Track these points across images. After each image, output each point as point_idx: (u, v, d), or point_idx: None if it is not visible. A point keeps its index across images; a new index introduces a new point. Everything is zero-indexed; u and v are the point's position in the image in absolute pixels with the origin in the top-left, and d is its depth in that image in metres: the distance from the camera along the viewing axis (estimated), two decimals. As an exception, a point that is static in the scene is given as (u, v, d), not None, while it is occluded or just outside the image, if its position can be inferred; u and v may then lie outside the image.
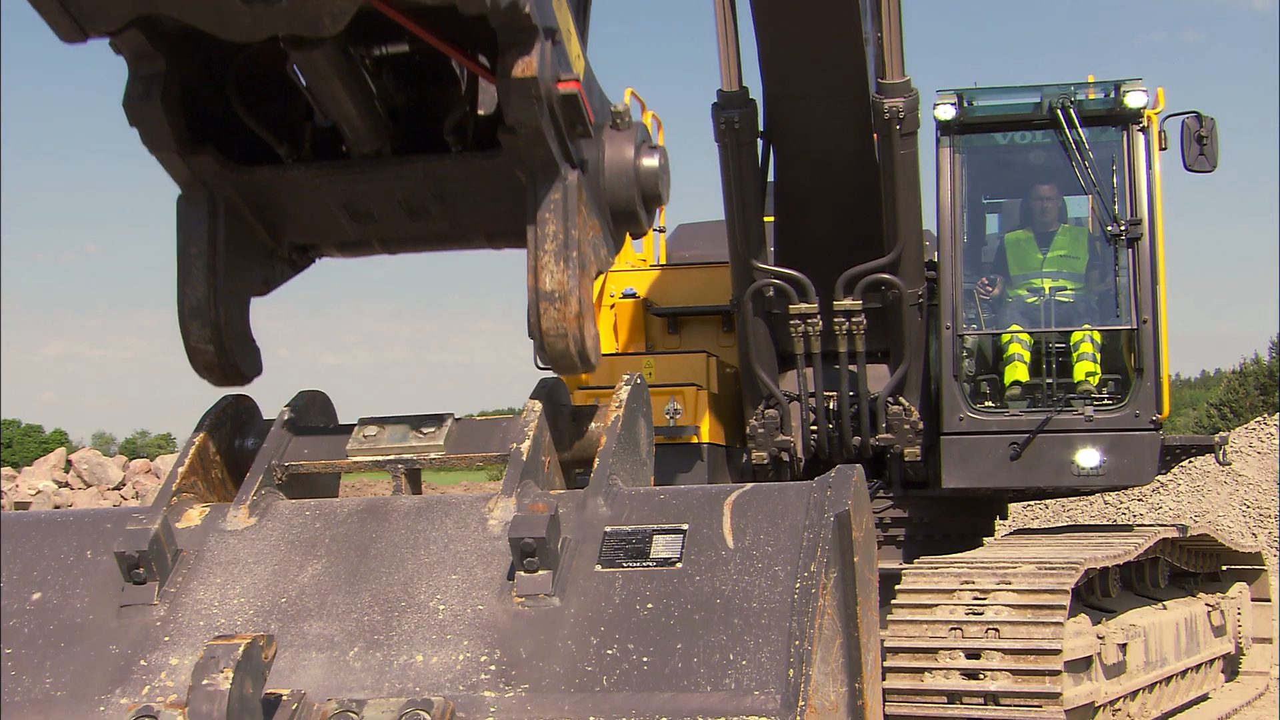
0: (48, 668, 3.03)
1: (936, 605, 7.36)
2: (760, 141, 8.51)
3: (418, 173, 3.35)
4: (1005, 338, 9.31)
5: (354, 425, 3.49)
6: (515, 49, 3.00)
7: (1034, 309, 9.47)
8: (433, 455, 3.38)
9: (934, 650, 7.18)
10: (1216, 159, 9.18)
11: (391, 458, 3.40)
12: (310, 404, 3.65)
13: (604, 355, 3.52)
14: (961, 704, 7.10)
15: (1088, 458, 8.93)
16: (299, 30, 2.81)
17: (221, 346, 3.39)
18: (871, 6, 7.79)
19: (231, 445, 3.59)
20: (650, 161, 3.44)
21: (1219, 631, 10.24)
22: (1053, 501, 23.83)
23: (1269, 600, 11.42)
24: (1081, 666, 7.47)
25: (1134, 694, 8.32)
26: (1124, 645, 7.98)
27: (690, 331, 10.63)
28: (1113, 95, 9.21)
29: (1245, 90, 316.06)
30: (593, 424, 3.49)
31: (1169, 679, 9.07)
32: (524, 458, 3.25)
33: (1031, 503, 23.28)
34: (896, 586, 7.53)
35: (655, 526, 3.02)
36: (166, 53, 3.18)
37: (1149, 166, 9.18)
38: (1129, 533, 9.50)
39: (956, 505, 9.78)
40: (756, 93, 8.30)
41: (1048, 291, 9.46)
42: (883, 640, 7.23)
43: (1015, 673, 7.02)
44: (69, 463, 28.01)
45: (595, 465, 3.23)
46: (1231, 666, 10.88)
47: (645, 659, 2.77)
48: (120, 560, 3.10)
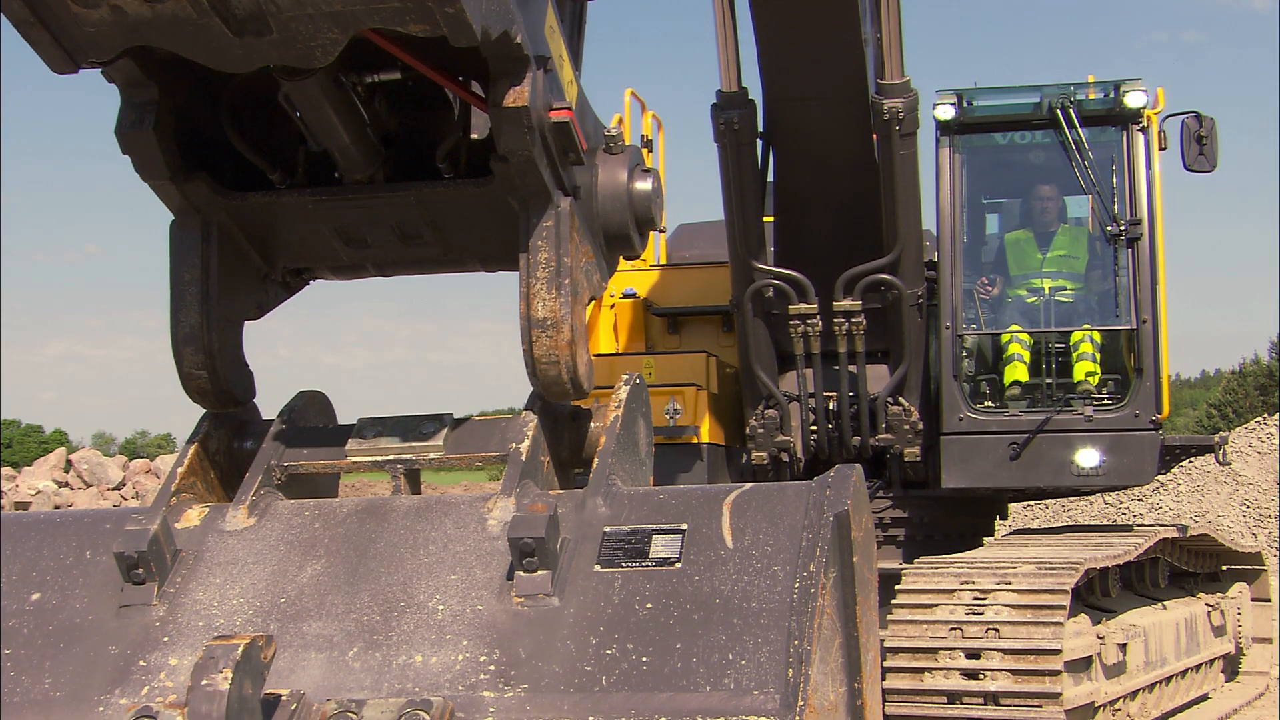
0: (47, 668, 3.03)
1: (936, 605, 7.36)
2: (760, 142, 8.51)
3: (410, 199, 3.36)
4: (1005, 338, 9.31)
5: (354, 425, 3.50)
6: (507, 78, 3.01)
7: (1034, 309, 9.46)
8: (432, 455, 3.38)
9: (934, 650, 7.18)
10: (1216, 159, 9.17)
11: (391, 458, 3.40)
12: (310, 404, 3.66)
13: (604, 355, 3.53)
14: (961, 704, 7.09)
15: (1087, 458, 8.92)
16: (290, 62, 2.81)
17: (215, 372, 3.42)
18: (871, 7, 7.78)
19: (231, 446, 3.60)
20: (643, 185, 3.45)
21: (1219, 631, 10.23)
22: (1053, 501, 23.81)
23: (1269, 600, 11.41)
24: (1081, 666, 7.46)
25: (1134, 694, 8.32)
26: (1124, 645, 7.97)
27: (690, 331, 10.63)
28: (1112, 95, 9.20)
29: (1245, 90, 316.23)
30: (592, 424, 3.49)
31: (1169, 679, 9.06)
32: (523, 458, 3.25)
33: (1031, 503, 23.27)
34: (896, 586, 7.52)
35: (654, 526, 3.02)
36: (159, 80, 3.18)
37: (1149, 166, 9.18)
38: (1129, 533, 9.50)
39: (956, 505, 9.77)
40: (756, 93, 8.30)
41: (1047, 291, 9.45)
42: (882, 640, 7.22)
43: (1015, 673, 7.01)
44: (69, 463, 28.00)
45: (594, 465, 3.24)
46: (1231, 666, 10.88)
47: (644, 659, 2.77)
48: (120, 560, 3.10)
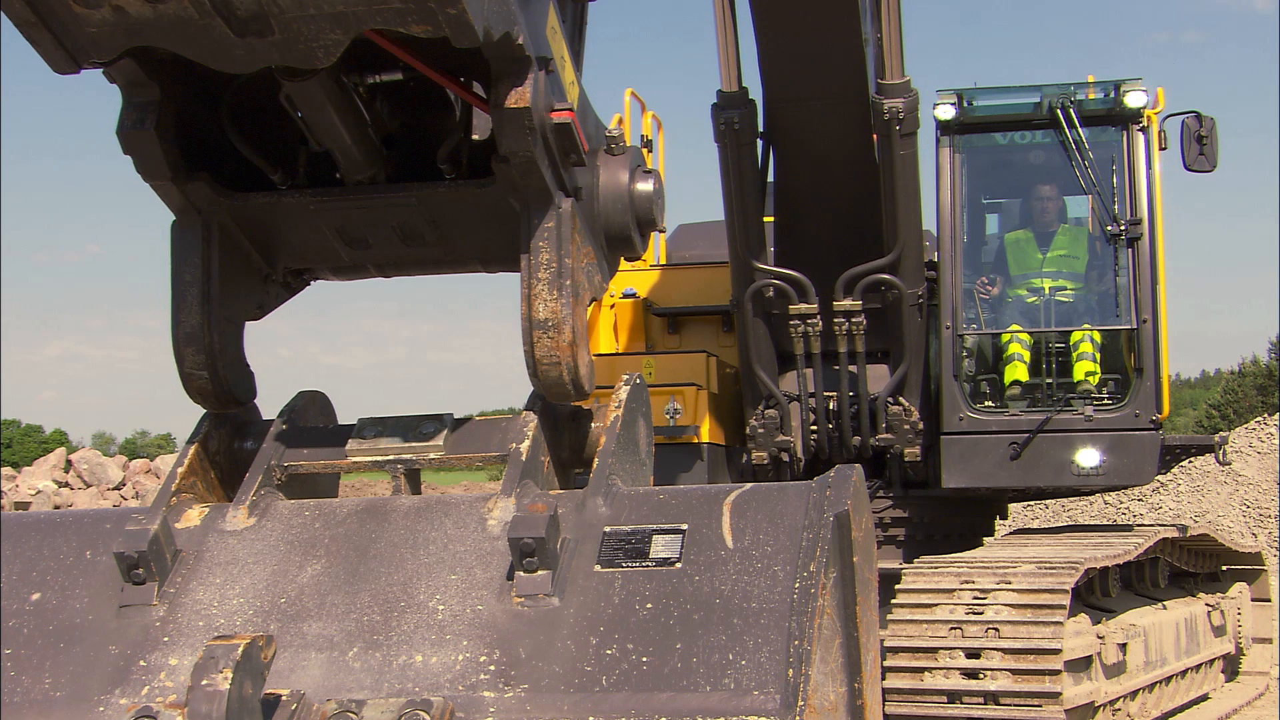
0: (47, 668, 3.02)
1: (936, 605, 7.36)
2: (760, 142, 8.51)
3: (412, 200, 3.36)
4: (1005, 338, 9.31)
5: (354, 425, 3.50)
6: (509, 79, 3.01)
7: (1034, 309, 9.46)
8: (432, 455, 3.38)
9: (934, 650, 7.18)
10: (1216, 159, 9.17)
11: (391, 458, 3.40)
12: (310, 404, 3.66)
13: (604, 355, 3.53)
14: (961, 704, 7.10)
15: (1088, 457, 8.92)
16: (292, 63, 2.81)
17: (216, 373, 3.42)
18: (871, 7, 7.78)
19: (231, 446, 3.60)
20: (644, 186, 3.45)
21: (1219, 631, 10.23)
22: (1053, 501, 23.81)
23: (1269, 600, 11.41)
24: (1081, 666, 7.46)
25: (1134, 694, 8.32)
26: (1124, 645, 7.97)
27: (690, 331, 10.63)
28: (1113, 95, 9.20)
29: (1245, 90, 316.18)
30: (592, 424, 3.49)
31: (1169, 679, 9.06)
32: (523, 458, 3.25)
33: (1031, 503, 23.27)
34: (896, 586, 7.52)
35: (654, 526, 3.02)
36: (160, 80, 3.18)
37: (1149, 166, 9.18)
38: (1129, 533, 9.49)
39: (956, 505, 9.77)
40: (756, 93, 8.30)
41: (1047, 291, 9.45)
42: (882, 640, 7.22)
43: (1015, 672, 7.01)
44: (69, 463, 28.01)
45: (595, 465, 3.23)
46: (1231, 666, 10.88)
47: (645, 659, 2.77)
48: (120, 560, 3.10)
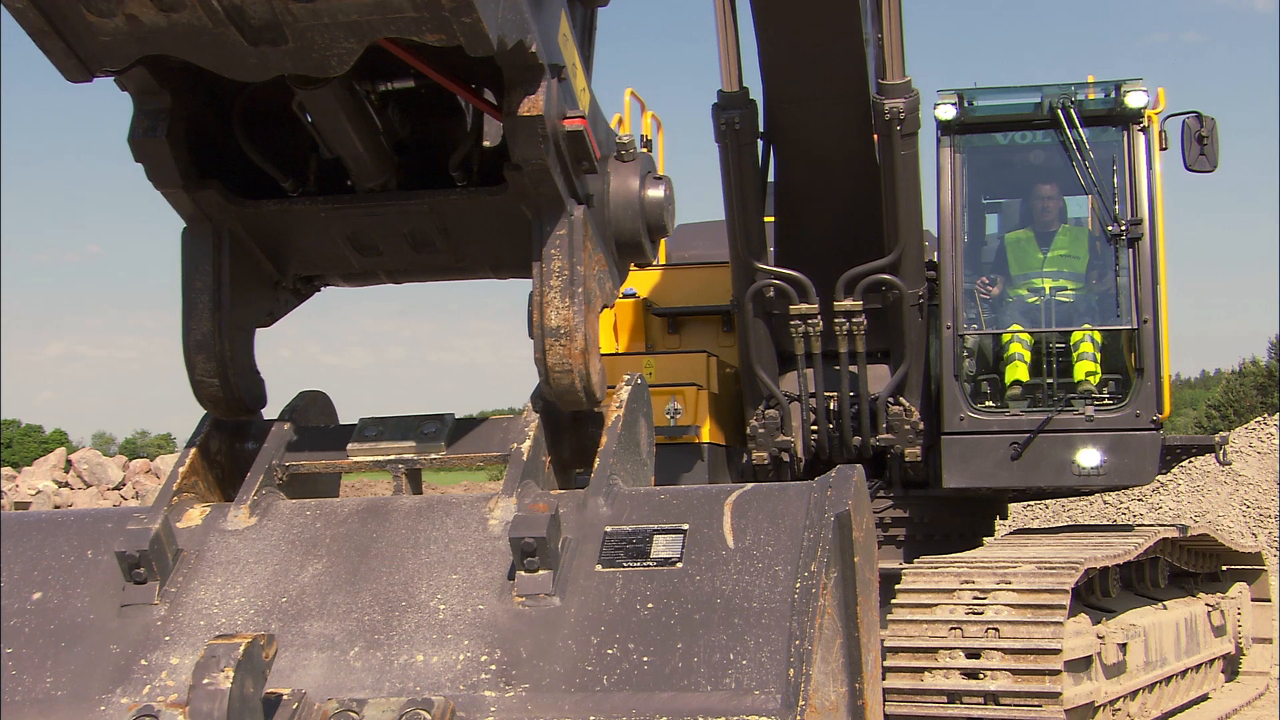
0: (48, 667, 3.03)
1: (936, 605, 7.36)
2: (760, 142, 8.51)
3: (423, 207, 3.36)
4: (1006, 337, 9.31)
5: (354, 425, 3.50)
6: (521, 87, 3.01)
7: (1034, 309, 9.46)
8: (433, 455, 3.38)
9: (934, 650, 7.18)
10: (1217, 159, 9.17)
11: (391, 458, 3.40)
12: (310, 404, 3.65)
13: (604, 355, 3.53)
14: (961, 704, 7.10)
15: (1088, 458, 8.92)
16: (306, 71, 2.81)
17: (227, 380, 3.42)
18: (872, 7, 7.78)
19: (232, 446, 3.60)
20: (655, 192, 3.45)
21: (1219, 631, 10.23)
22: (1053, 501, 23.81)
23: (1269, 600, 11.41)
24: (1081, 666, 7.46)
25: (1134, 694, 8.32)
26: (1124, 645, 7.97)
27: (690, 331, 10.63)
28: (1113, 95, 9.20)
29: (1246, 91, 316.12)
30: (591, 427, 3.49)
31: (1169, 679, 9.06)
32: (524, 458, 3.25)
33: (1031, 503, 23.27)
34: (896, 586, 7.52)
35: (655, 526, 3.02)
36: (171, 88, 3.18)
37: (1149, 166, 9.17)
38: (1129, 533, 9.49)
39: (956, 505, 9.77)
40: (757, 93, 8.30)
41: (1048, 291, 9.45)
42: (883, 640, 7.22)
43: (1015, 672, 7.02)
44: (69, 463, 28.01)
45: (596, 465, 3.24)
46: (1231, 666, 10.88)
47: (645, 659, 2.77)
48: (121, 560, 3.10)
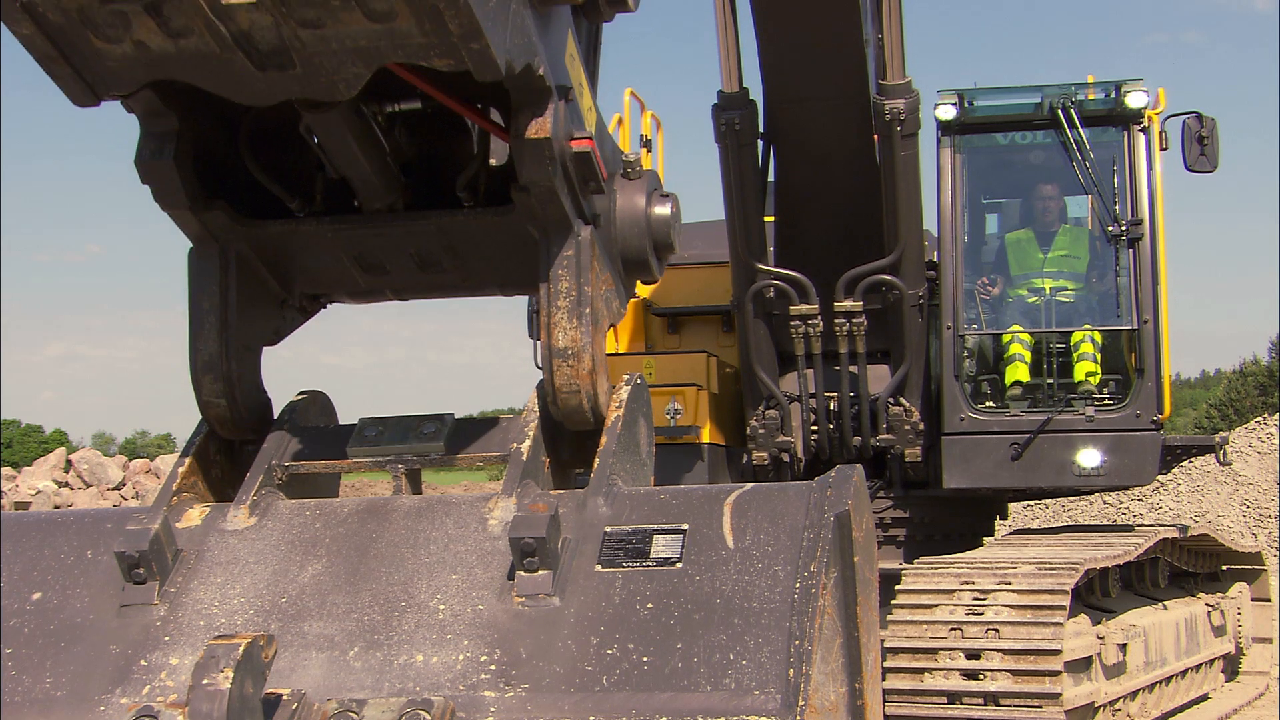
0: (48, 667, 3.02)
1: (936, 605, 7.36)
2: (760, 142, 8.51)
3: (430, 227, 3.36)
4: (1006, 338, 9.31)
5: (354, 425, 3.50)
6: (529, 109, 3.00)
7: (1034, 309, 9.46)
8: (433, 455, 3.38)
9: (934, 650, 7.18)
10: (1217, 159, 9.16)
11: (391, 458, 3.40)
12: (310, 404, 3.65)
13: (605, 354, 3.53)
14: (961, 704, 7.09)
15: (1088, 458, 8.92)
16: (314, 96, 2.80)
17: (234, 401, 3.42)
18: (872, 7, 7.79)
19: (232, 446, 3.59)
20: (662, 210, 3.44)
21: (1219, 631, 10.23)
22: (1053, 501, 23.81)
23: (1269, 600, 11.41)
24: (1081, 667, 7.46)
25: (1134, 694, 8.32)
26: (1124, 645, 7.97)
27: (690, 331, 10.63)
28: (1113, 95, 9.20)
29: (1246, 91, 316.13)
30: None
31: (1169, 679, 9.06)
32: (524, 458, 3.25)
33: (1031, 503, 23.27)
34: (896, 586, 7.52)
35: (655, 526, 3.02)
36: (178, 109, 3.17)
37: (1149, 167, 9.17)
38: (1129, 533, 9.49)
39: (956, 505, 9.76)
40: (757, 93, 8.30)
41: (1048, 291, 9.45)
42: (883, 640, 7.22)
43: (1015, 673, 7.01)
44: (69, 463, 28.02)
45: (595, 465, 3.23)
46: (1231, 666, 10.88)
47: (645, 659, 2.77)
48: (120, 560, 3.10)
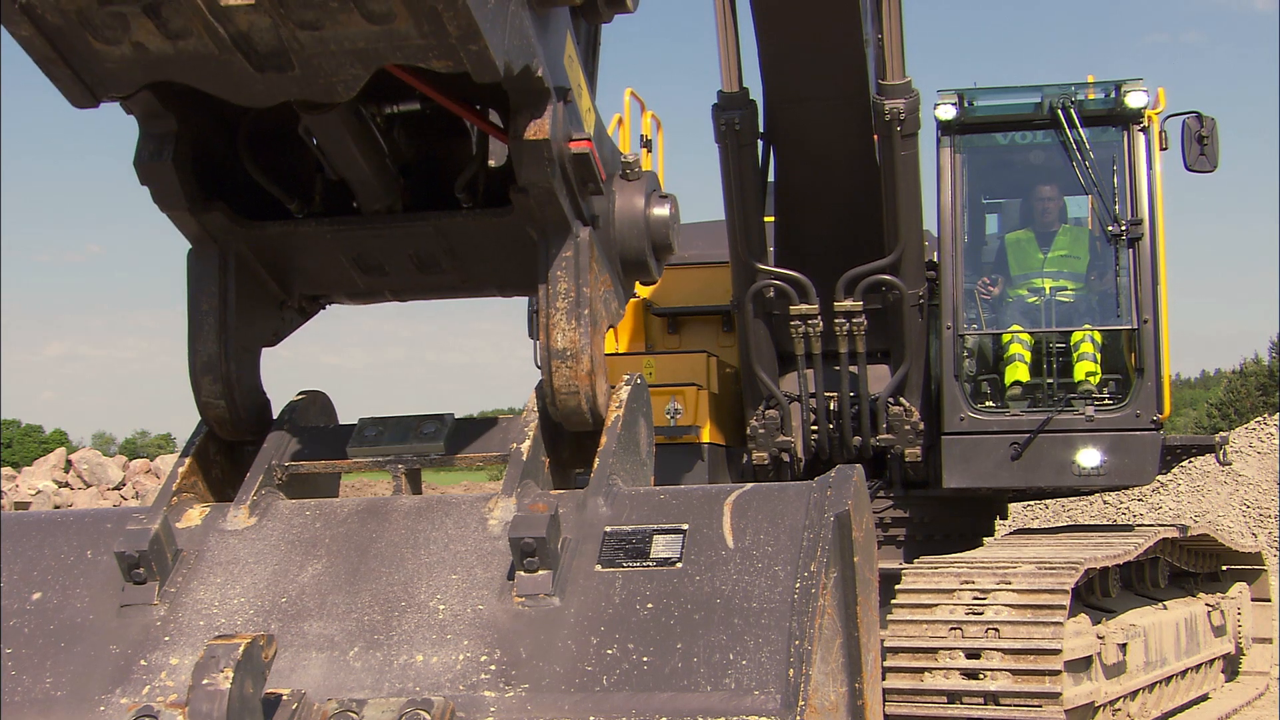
0: (48, 667, 3.02)
1: (936, 605, 7.36)
2: (760, 142, 8.51)
3: (429, 229, 3.36)
4: (1006, 338, 9.31)
5: (354, 425, 3.50)
6: (527, 111, 3.00)
7: (1034, 309, 9.46)
8: (433, 455, 3.38)
9: (934, 650, 7.18)
10: (1217, 159, 9.17)
11: (391, 458, 3.40)
12: (310, 404, 3.65)
13: (604, 355, 3.54)
14: (961, 704, 7.10)
15: (1088, 458, 8.92)
16: (312, 97, 2.80)
17: (233, 402, 3.42)
18: (872, 8, 7.79)
19: (232, 446, 3.59)
20: (660, 211, 3.44)
21: (1219, 631, 10.23)
22: (1053, 501, 23.81)
23: (1269, 600, 11.42)
24: (1081, 666, 7.46)
25: (1134, 694, 8.32)
26: (1124, 645, 7.97)
27: (690, 331, 10.63)
28: (1113, 95, 9.21)
29: (1246, 91, 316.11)
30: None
31: (1169, 679, 9.06)
32: (524, 458, 3.25)
33: (1031, 503, 23.27)
34: (896, 586, 7.52)
35: (655, 526, 3.01)
36: (177, 110, 3.17)
37: (1149, 166, 9.18)
38: (1129, 533, 9.49)
39: (956, 505, 9.77)
40: (757, 93, 8.30)
41: (1048, 291, 9.45)
42: (883, 640, 7.22)
43: (1015, 673, 7.02)
44: (69, 463, 28.02)
45: (595, 465, 3.23)
46: (1231, 666, 10.88)
47: (645, 659, 2.77)
48: (120, 560, 3.10)
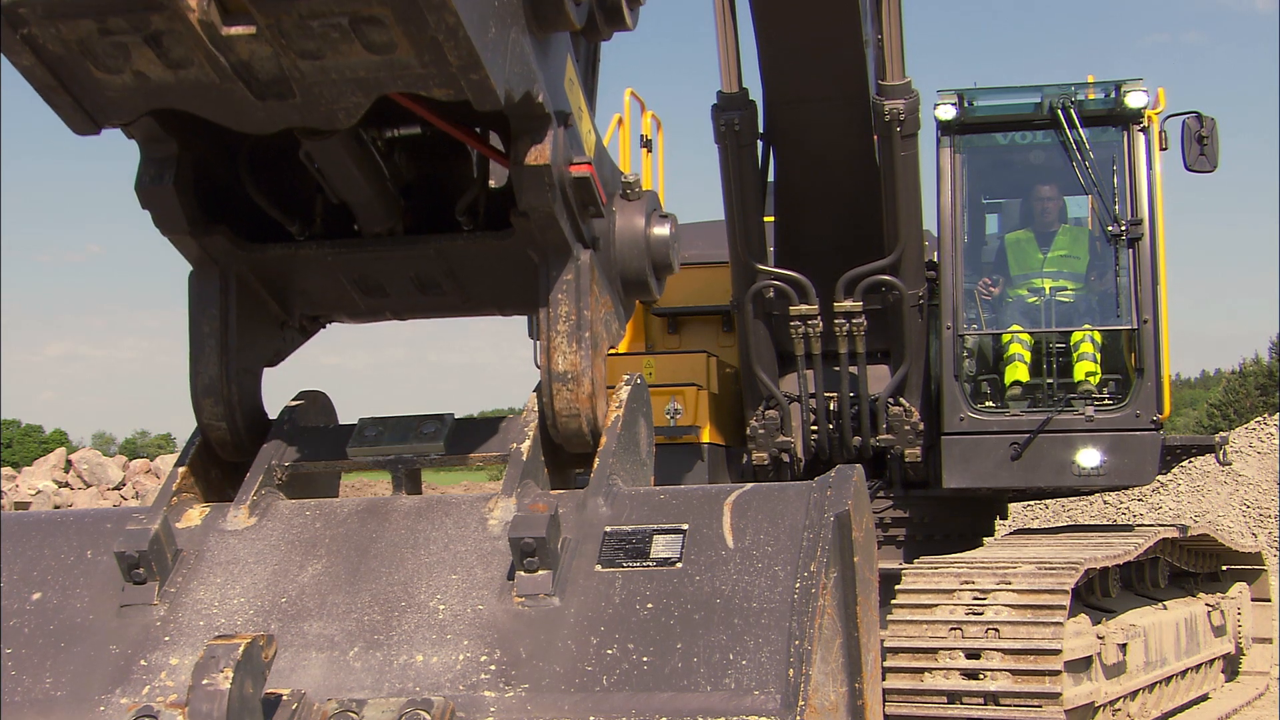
0: (48, 667, 3.02)
1: (936, 605, 7.36)
2: (760, 143, 8.51)
3: (430, 251, 3.35)
4: (1006, 338, 9.31)
5: (354, 425, 3.49)
6: (528, 136, 3.00)
7: (1034, 309, 9.47)
8: (433, 455, 3.38)
9: (934, 650, 7.18)
10: (1217, 159, 9.17)
11: (391, 458, 3.39)
12: (310, 404, 3.65)
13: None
14: (961, 704, 7.10)
15: (1088, 458, 8.93)
16: (313, 124, 2.80)
17: (234, 424, 3.42)
18: (872, 8, 7.79)
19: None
20: (661, 230, 3.44)
21: (1219, 631, 10.23)
22: (1053, 501, 23.82)
23: (1269, 600, 11.42)
24: (1081, 666, 7.46)
25: (1134, 694, 8.32)
26: (1124, 645, 7.97)
27: (690, 331, 10.63)
28: (1113, 95, 9.21)
29: (1246, 91, 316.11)
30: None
31: (1169, 679, 9.06)
32: (524, 458, 3.25)
33: (1031, 503, 23.27)
34: (896, 586, 7.52)
35: (655, 526, 3.01)
36: (178, 134, 3.17)
37: (1149, 166, 9.18)
38: (1129, 533, 9.50)
39: (956, 505, 9.77)
40: (756, 94, 8.30)
41: (1048, 291, 9.46)
42: (883, 640, 7.23)
43: (1015, 673, 7.02)
44: (69, 463, 28.02)
45: (595, 465, 3.23)
46: (1231, 666, 10.88)
47: (645, 659, 2.77)
48: (120, 560, 3.10)
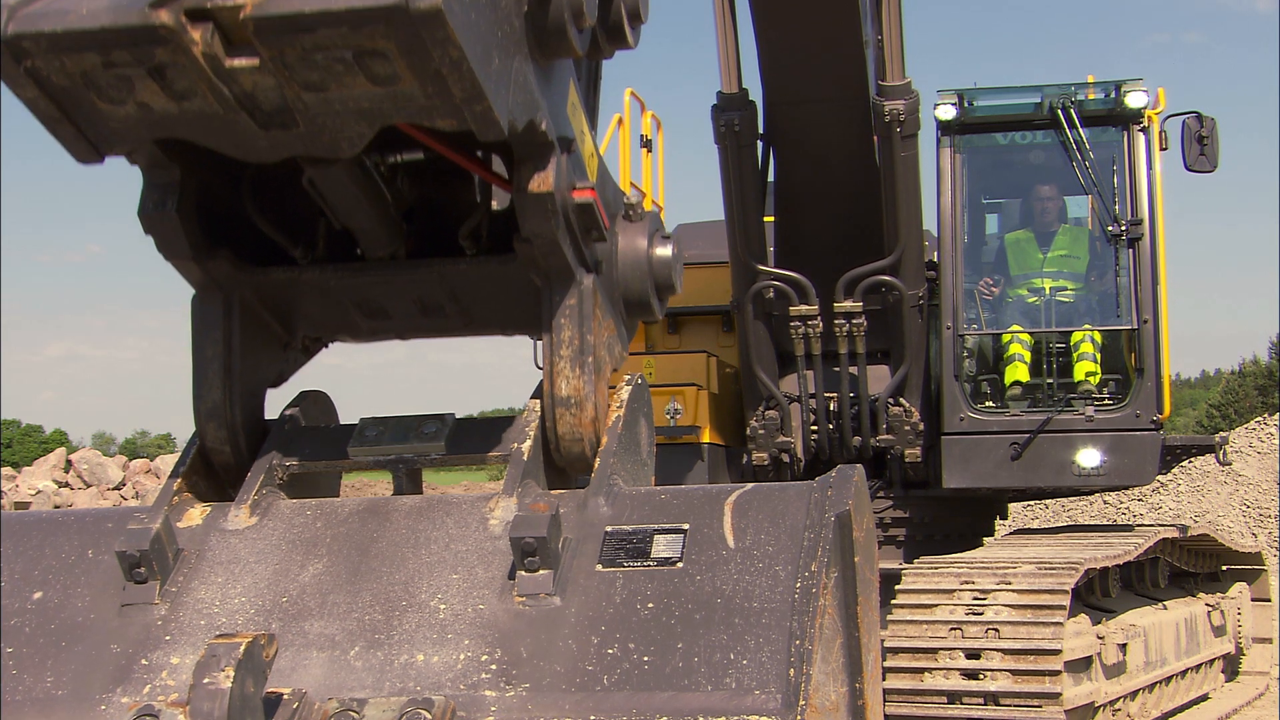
0: (49, 667, 3.02)
1: (936, 605, 7.37)
2: (760, 143, 8.52)
3: (432, 275, 3.35)
4: (1006, 338, 9.32)
5: (354, 425, 3.50)
6: (531, 163, 3.00)
7: (1034, 309, 9.47)
8: (433, 455, 3.38)
9: (934, 650, 7.19)
10: (1217, 159, 9.18)
11: (392, 458, 3.39)
12: (311, 404, 3.65)
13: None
14: (961, 704, 7.10)
15: (1088, 458, 8.93)
16: (317, 154, 2.80)
17: (237, 447, 3.41)
18: (872, 8, 7.80)
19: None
20: (663, 251, 3.44)
21: (1219, 631, 10.24)
22: (1053, 501, 23.82)
23: (1269, 600, 11.43)
24: (1081, 666, 7.47)
25: (1134, 694, 8.32)
26: (1124, 645, 7.98)
27: (690, 331, 10.64)
28: (1113, 95, 9.22)
29: (1246, 91, 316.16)
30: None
31: (1169, 679, 9.07)
32: (524, 458, 3.25)
33: (1031, 503, 23.28)
34: (896, 586, 7.53)
35: (656, 526, 3.01)
36: (180, 160, 3.16)
37: (1149, 166, 9.19)
38: (1129, 533, 9.50)
39: (956, 505, 9.78)
40: (756, 94, 8.31)
41: (1048, 291, 9.46)
42: (883, 640, 7.23)
43: (1015, 673, 7.02)
44: (69, 463, 28.03)
45: (596, 465, 3.24)
46: (1231, 666, 10.89)
47: (646, 658, 2.77)
48: (121, 559, 3.10)
